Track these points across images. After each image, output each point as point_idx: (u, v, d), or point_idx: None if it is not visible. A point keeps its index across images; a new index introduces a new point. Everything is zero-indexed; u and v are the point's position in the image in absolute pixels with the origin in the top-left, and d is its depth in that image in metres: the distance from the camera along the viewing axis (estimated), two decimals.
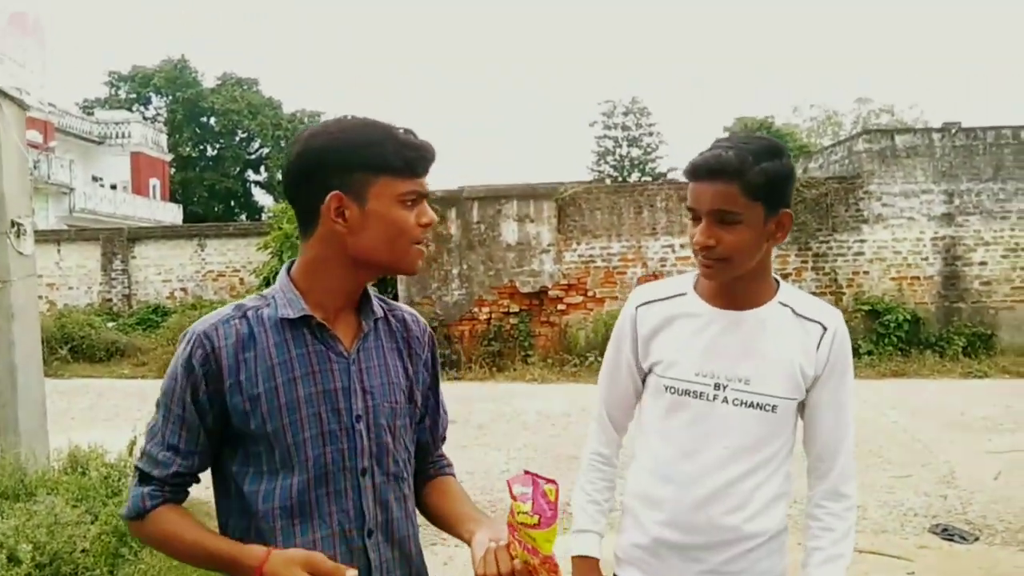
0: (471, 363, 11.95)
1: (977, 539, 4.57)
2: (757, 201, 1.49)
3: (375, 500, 1.35)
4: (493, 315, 12.30)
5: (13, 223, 4.71)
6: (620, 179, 30.66)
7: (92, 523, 3.57)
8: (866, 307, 11.59)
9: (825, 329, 1.59)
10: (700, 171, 1.51)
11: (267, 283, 13.23)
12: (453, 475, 1.58)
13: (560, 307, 12.23)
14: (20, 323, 4.80)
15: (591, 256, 12.28)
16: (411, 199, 1.30)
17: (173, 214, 35.08)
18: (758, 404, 1.58)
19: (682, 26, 71.77)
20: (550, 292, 12.24)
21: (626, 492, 1.73)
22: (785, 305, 1.62)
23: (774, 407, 1.58)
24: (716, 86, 66.94)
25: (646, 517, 1.65)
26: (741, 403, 1.58)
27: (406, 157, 1.28)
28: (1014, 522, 4.77)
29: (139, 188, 34.60)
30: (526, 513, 1.19)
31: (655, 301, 1.68)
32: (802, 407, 1.64)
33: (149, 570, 3.70)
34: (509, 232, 12.36)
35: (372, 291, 1.45)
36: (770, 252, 1.60)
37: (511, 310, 12.28)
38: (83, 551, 3.24)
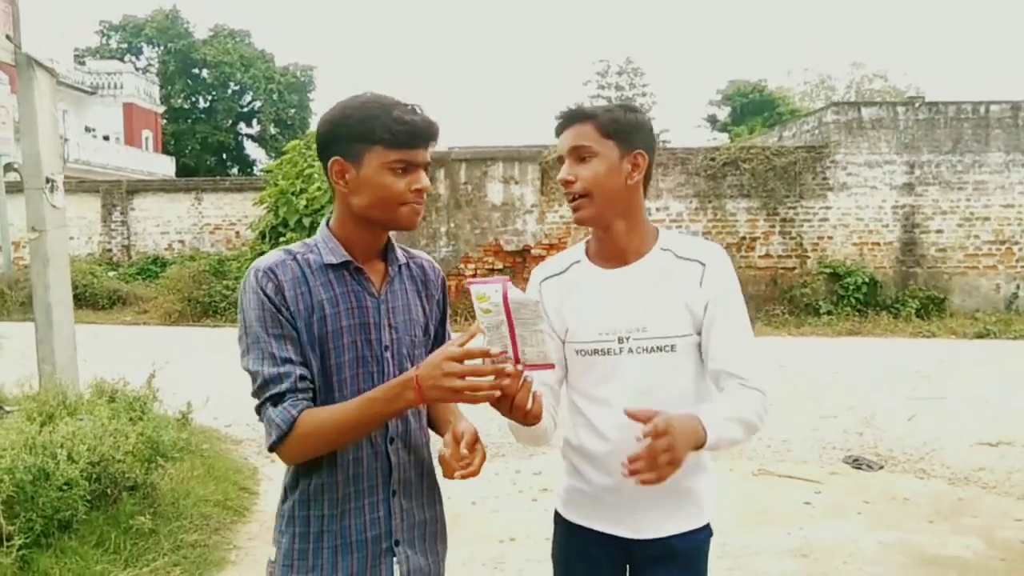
0: (456, 315, 12.68)
1: (882, 468, 5.35)
2: (608, 139, 1.67)
3: (398, 417, 1.55)
4: (478, 271, 12.98)
5: (48, 179, 5.33)
6: None
7: (127, 437, 4.26)
8: (828, 270, 12.35)
9: (704, 265, 1.71)
10: (560, 120, 1.73)
11: (263, 237, 13.83)
12: None
13: None
14: (53, 268, 5.44)
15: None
16: (400, 167, 1.48)
17: (166, 166, 35.35)
18: (658, 347, 1.69)
19: None
20: (533, 250, 12.91)
21: (563, 447, 1.86)
22: (666, 250, 1.74)
23: (672, 346, 1.69)
24: (710, 48, 66.83)
25: (584, 467, 1.78)
26: (643, 350, 1.69)
27: (395, 130, 1.46)
28: (914, 455, 5.55)
29: (132, 139, 34.78)
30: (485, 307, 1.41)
31: (553, 276, 1.81)
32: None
33: (177, 474, 4.43)
34: (494, 193, 12.98)
35: (395, 242, 1.66)
36: (638, 200, 1.74)
37: (495, 267, 12.97)
38: (125, 454, 3.93)
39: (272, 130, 40.61)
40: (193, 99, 41.18)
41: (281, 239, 13.82)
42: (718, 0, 70.69)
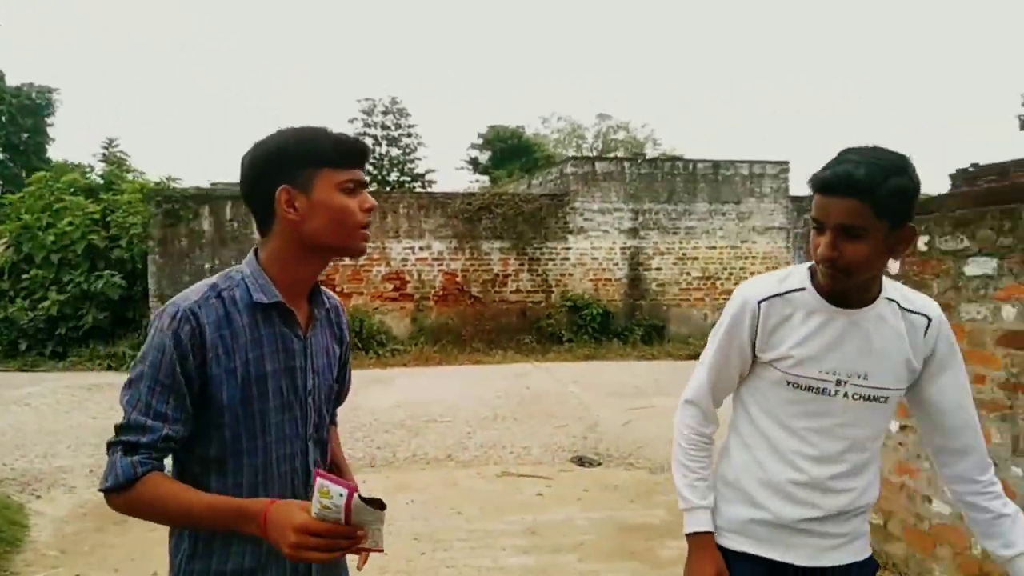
0: None
1: (600, 464, 6.55)
2: (883, 219, 1.51)
3: (313, 462, 1.55)
4: None
5: None
6: (379, 177, 31.48)
7: None
8: (569, 303, 14.00)
9: (929, 320, 1.68)
10: (831, 186, 1.53)
11: (2, 273, 12.91)
12: (335, 424, 1.82)
13: None
14: None
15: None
16: (350, 186, 1.45)
17: None
18: (873, 397, 1.67)
19: (437, 31, 74.37)
20: None
21: (731, 469, 1.82)
22: (891, 300, 1.69)
23: (886, 399, 1.69)
24: (472, 92, 70.27)
25: (762, 495, 1.74)
26: (860, 397, 1.67)
27: (341, 150, 1.45)
28: (625, 452, 6.83)
29: None
30: (331, 507, 1.30)
31: (776, 296, 1.71)
32: (917, 399, 1.74)
33: None
34: None
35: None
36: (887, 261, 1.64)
37: None
38: None
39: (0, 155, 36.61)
40: None
41: (24, 276, 13.01)
42: (480, 48, 74.57)
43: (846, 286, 1.62)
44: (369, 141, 35.52)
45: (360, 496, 1.30)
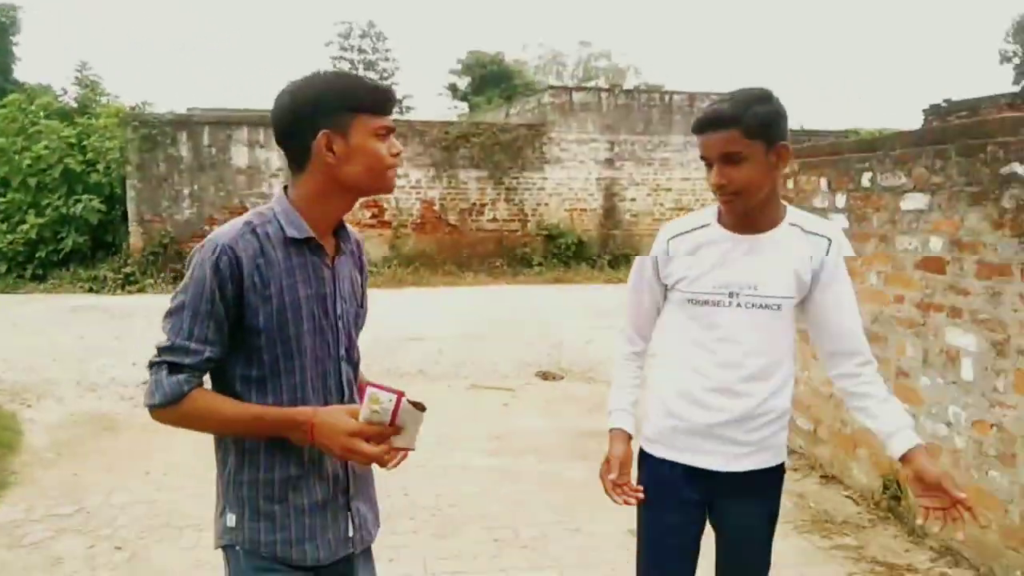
0: None
1: (563, 378, 6.96)
2: (755, 139, 1.74)
3: (347, 380, 1.66)
4: None
5: None
6: None
7: None
8: (545, 232, 14.32)
9: (830, 241, 1.88)
10: (704, 125, 1.78)
11: None
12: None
13: None
14: None
15: None
16: (383, 132, 1.54)
17: None
18: (765, 304, 1.86)
19: None
20: None
21: (654, 384, 2.02)
22: (794, 225, 1.88)
23: (779, 306, 1.87)
24: (451, 16, 68.77)
25: (675, 404, 1.93)
26: (752, 305, 1.86)
27: (376, 98, 1.54)
28: (586, 367, 7.24)
29: None
30: (379, 412, 1.48)
31: (683, 233, 1.93)
32: (811, 309, 1.92)
33: None
34: (240, 156, 13.30)
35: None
36: (777, 181, 1.86)
37: None
38: None
39: None
40: None
41: (1, 200, 13.05)
42: None
43: (745, 208, 1.81)
44: (346, 65, 34.88)
45: (408, 399, 1.48)
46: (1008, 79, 26.24)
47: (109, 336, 8.59)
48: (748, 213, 1.83)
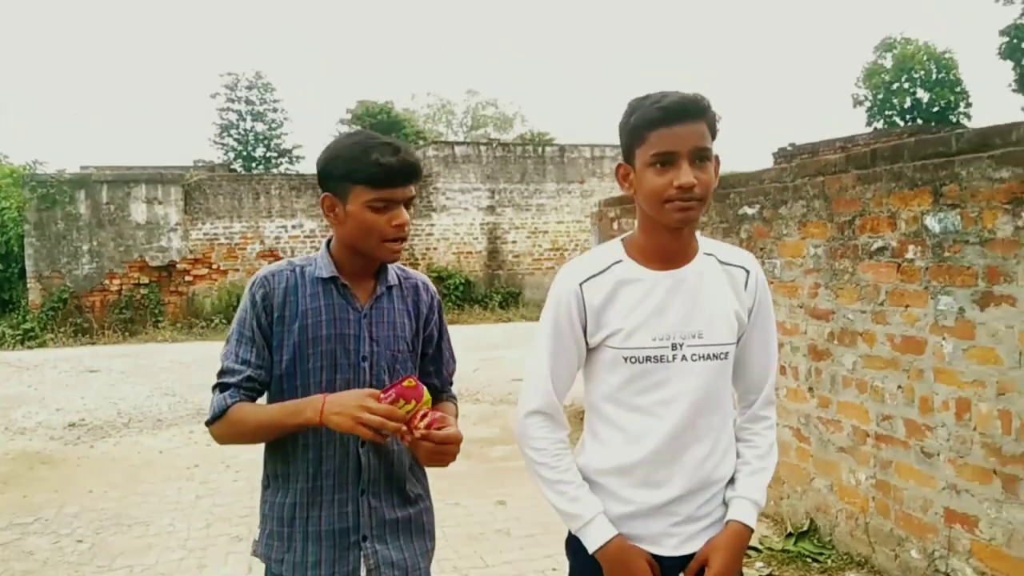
0: (104, 329, 13.29)
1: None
2: (713, 139, 1.53)
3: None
4: (124, 286, 13.73)
5: None
6: (244, 153, 31.03)
7: None
8: (435, 274, 15.44)
9: (748, 272, 1.66)
10: (676, 112, 1.49)
11: None
12: (453, 401, 1.96)
13: (188, 278, 14.12)
14: None
15: (215, 234, 14.35)
16: (380, 204, 1.60)
17: None
18: (713, 355, 1.61)
19: (301, 4, 73.00)
20: (178, 265, 14.02)
21: (588, 464, 1.68)
22: (709, 255, 1.65)
23: (726, 354, 1.63)
24: (340, 68, 69.61)
25: (618, 485, 1.64)
26: (699, 357, 1.60)
27: (373, 173, 1.58)
28: (474, 391, 8.35)
29: None
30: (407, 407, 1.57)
31: (596, 275, 1.62)
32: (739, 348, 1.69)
33: None
34: (138, 212, 13.87)
35: (394, 265, 1.77)
36: None
37: (141, 282, 13.82)
38: None
39: None
40: None
41: None
42: (348, 22, 73.79)
43: (696, 219, 1.55)
44: (233, 116, 34.59)
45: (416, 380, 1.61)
46: (861, 121, 29.13)
47: (23, 386, 9.08)
48: (677, 238, 1.59)
